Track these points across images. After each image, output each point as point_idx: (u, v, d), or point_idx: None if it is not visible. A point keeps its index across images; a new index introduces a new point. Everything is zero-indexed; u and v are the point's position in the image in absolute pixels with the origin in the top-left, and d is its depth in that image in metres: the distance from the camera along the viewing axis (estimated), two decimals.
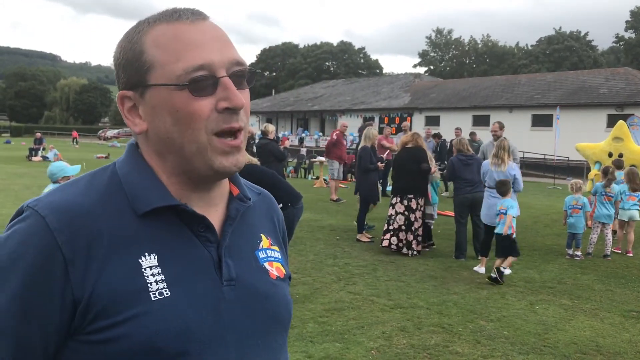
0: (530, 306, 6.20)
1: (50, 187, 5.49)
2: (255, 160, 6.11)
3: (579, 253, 8.71)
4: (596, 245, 9.03)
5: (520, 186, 7.84)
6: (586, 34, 71.82)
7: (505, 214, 7.15)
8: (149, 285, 0.91)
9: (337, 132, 15.20)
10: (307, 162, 23.90)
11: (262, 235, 1.13)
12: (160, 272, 0.93)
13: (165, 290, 0.92)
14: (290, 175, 22.22)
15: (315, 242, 9.15)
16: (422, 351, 4.82)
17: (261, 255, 1.09)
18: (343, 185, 19.05)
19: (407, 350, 4.80)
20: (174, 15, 0.96)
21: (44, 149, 29.84)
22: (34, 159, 27.60)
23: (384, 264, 7.87)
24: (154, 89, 0.94)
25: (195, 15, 0.97)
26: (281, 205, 5.62)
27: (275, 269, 1.10)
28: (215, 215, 1.03)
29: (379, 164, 9.90)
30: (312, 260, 7.89)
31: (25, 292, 0.87)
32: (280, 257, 1.14)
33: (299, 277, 6.94)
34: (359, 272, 7.39)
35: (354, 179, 19.89)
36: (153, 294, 0.91)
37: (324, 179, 19.56)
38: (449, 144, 17.01)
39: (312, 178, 21.91)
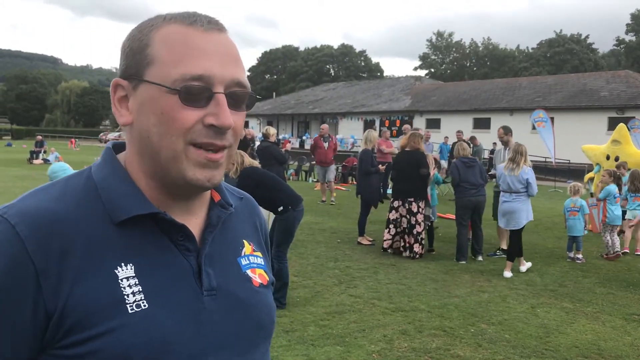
0: (531, 309, 6.18)
1: None
2: (257, 163, 6.09)
3: (579, 256, 8.71)
4: (593, 248, 9.02)
5: (534, 191, 7.85)
6: (587, 36, 71.84)
7: None
8: (125, 297, 0.87)
9: (317, 135, 15.18)
10: (308, 164, 23.88)
11: (244, 241, 1.10)
12: (137, 282, 0.89)
13: (143, 302, 0.88)
14: (291, 178, 22.21)
15: (316, 245, 9.15)
16: (423, 354, 4.81)
17: (243, 262, 1.06)
18: (343, 189, 19.05)
19: (409, 354, 4.79)
20: (190, 19, 0.93)
21: (45, 152, 29.85)
22: (35, 161, 27.58)
23: (385, 267, 7.86)
24: (146, 85, 0.91)
25: (211, 25, 0.94)
26: (282, 208, 5.66)
27: (258, 276, 1.07)
28: (195, 223, 1.00)
29: (379, 166, 9.92)
30: (313, 264, 7.88)
31: None
32: (262, 263, 1.11)
33: (300, 280, 6.93)
34: (360, 275, 7.38)
35: (354, 182, 19.92)
36: (130, 306, 0.87)
37: None
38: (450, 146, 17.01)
39: (313, 181, 21.90)
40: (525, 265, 7.90)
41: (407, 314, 5.85)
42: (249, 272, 1.06)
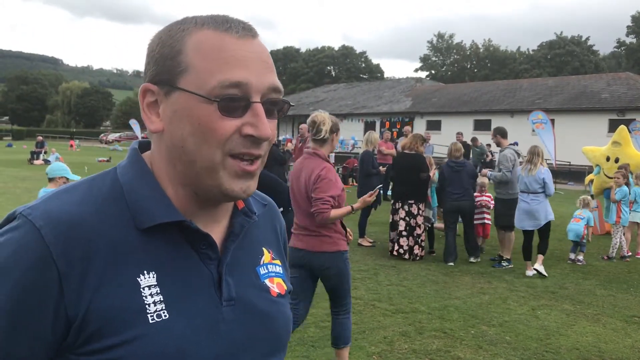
0: (532, 311, 6.18)
1: (44, 190, 5.47)
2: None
3: (580, 257, 8.75)
4: (594, 250, 9.02)
5: (551, 190, 7.90)
6: (587, 38, 71.94)
7: None
8: (146, 306, 0.87)
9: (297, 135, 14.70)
10: None
11: (264, 249, 1.09)
12: (158, 292, 0.88)
13: (164, 312, 0.88)
14: None
15: None
16: (423, 356, 4.80)
17: (262, 271, 1.05)
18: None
19: (409, 355, 4.79)
20: (224, 25, 0.90)
21: (45, 153, 29.86)
22: (35, 162, 27.57)
23: (385, 269, 7.86)
24: (180, 93, 0.89)
25: (246, 31, 0.91)
26: (281, 209, 5.66)
27: (276, 285, 1.06)
28: (217, 231, 0.99)
29: (380, 167, 9.92)
30: None
31: (15, 307, 0.82)
32: (281, 271, 1.10)
33: None
34: (361, 276, 7.37)
35: (355, 183, 19.92)
36: (151, 316, 0.86)
37: None
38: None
39: None
40: (531, 270, 7.89)
41: (408, 315, 5.84)
42: (267, 281, 1.05)
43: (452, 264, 8.28)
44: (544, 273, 7.73)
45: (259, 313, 0.99)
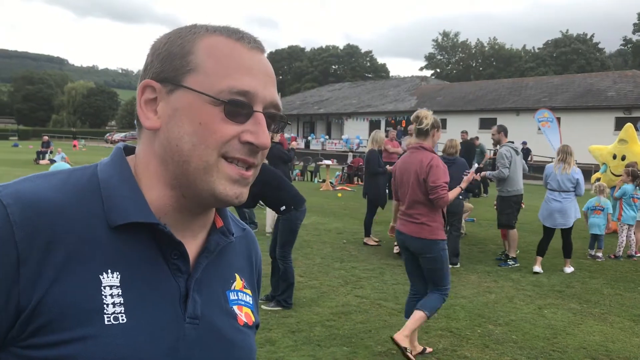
0: (538, 310, 6.16)
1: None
2: (265, 160, 6.13)
3: (600, 254, 8.85)
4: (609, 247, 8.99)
5: (582, 191, 7.99)
6: (592, 36, 71.67)
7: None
8: (105, 306, 0.82)
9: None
10: (314, 165, 23.89)
11: (237, 275, 1.04)
12: (120, 294, 0.84)
13: (122, 316, 0.83)
14: (296, 178, 22.22)
15: (322, 246, 9.14)
16: (430, 355, 4.79)
17: (232, 296, 1.01)
18: (349, 189, 19.04)
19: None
20: (236, 34, 0.92)
21: (51, 152, 29.96)
22: (41, 162, 27.69)
23: (391, 268, 7.84)
24: (185, 91, 0.89)
25: (256, 44, 0.94)
26: (284, 207, 5.65)
27: (244, 315, 1.01)
28: (192, 245, 0.95)
29: (387, 166, 9.89)
30: (319, 264, 7.87)
31: None
32: (251, 302, 1.05)
33: (306, 281, 6.92)
34: (366, 275, 7.36)
35: (360, 182, 19.91)
36: (107, 317, 0.82)
37: (330, 182, 19.56)
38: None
39: (318, 181, 21.91)
40: (539, 266, 7.96)
41: None
42: (235, 308, 1.01)
43: (457, 265, 8.21)
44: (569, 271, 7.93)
45: (222, 339, 0.95)
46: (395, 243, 8.73)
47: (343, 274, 7.40)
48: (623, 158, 11.57)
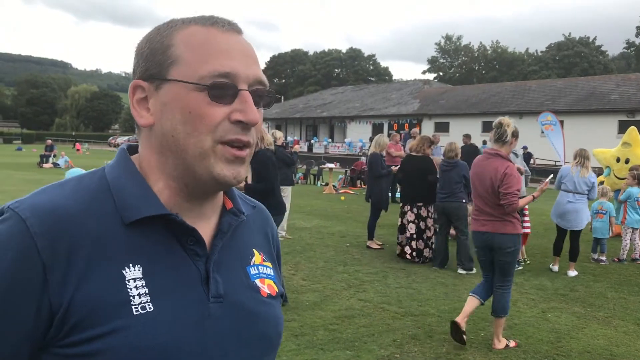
0: (542, 314, 6.14)
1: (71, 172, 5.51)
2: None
3: (603, 258, 8.83)
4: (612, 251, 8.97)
5: (595, 194, 8.21)
6: (595, 39, 71.60)
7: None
8: (131, 298, 0.87)
9: None
10: (317, 168, 23.88)
11: (254, 250, 1.09)
12: (144, 284, 0.89)
13: (148, 305, 0.88)
14: (299, 181, 22.21)
15: (325, 249, 9.13)
16: (433, 359, 4.78)
17: (252, 271, 1.05)
18: (352, 192, 19.03)
19: (419, 359, 4.77)
20: (209, 20, 0.96)
21: (54, 156, 30.03)
22: (45, 165, 27.77)
23: (394, 271, 7.83)
24: (171, 84, 0.92)
25: (231, 26, 0.97)
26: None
27: (267, 286, 1.06)
28: (206, 228, 1.00)
29: (392, 167, 9.89)
30: (322, 267, 7.86)
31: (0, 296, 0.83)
32: (272, 273, 1.10)
33: (309, 284, 6.91)
34: (369, 279, 7.35)
35: (364, 185, 19.90)
36: (135, 308, 0.87)
37: (333, 185, 19.55)
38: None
39: (321, 184, 21.90)
40: (557, 265, 8.14)
41: (417, 318, 5.82)
42: (257, 281, 1.05)
43: (436, 267, 8.15)
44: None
45: (248, 312, 0.99)
46: (399, 243, 8.73)
47: (346, 277, 7.39)
48: (627, 161, 11.55)
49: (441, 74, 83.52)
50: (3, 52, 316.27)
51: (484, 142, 19.18)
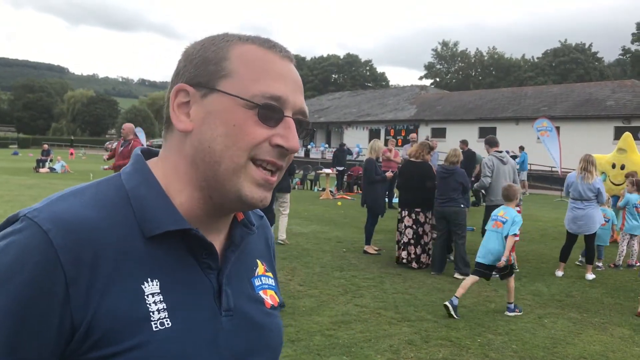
0: (538, 320, 6.15)
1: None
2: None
3: (600, 264, 8.87)
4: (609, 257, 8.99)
5: (604, 199, 8.29)
6: (590, 45, 71.92)
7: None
8: (151, 314, 0.87)
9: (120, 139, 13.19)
10: (313, 173, 23.88)
11: (258, 260, 1.10)
12: (162, 299, 0.88)
13: (167, 320, 0.88)
14: (296, 187, 22.21)
15: (321, 254, 9.13)
16: None
17: (257, 282, 1.07)
18: (349, 197, 19.04)
19: None
20: (267, 43, 0.97)
21: (51, 161, 29.97)
22: (41, 170, 27.72)
23: (391, 277, 7.84)
24: (219, 95, 0.92)
25: (287, 53, 0.98)
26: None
27: (269, 297, 1.07)
28: (217, 240, 1.00)
29: (388, 173, 9.89)
30: (319, 273, 7.86)
31: (20, 311, 0.80)
32: (273, 284, 1.12)
33: (306, 290, 6.91)
34: (366, 284, 7.35)
35: (359, 191, 19.90)
36: (154, 324, 0.86)
37: (330, 191, 19.55)
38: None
39: (318, 190, 21.90)
40: (562, 271, 8.23)
41: (414, 324, 5.82)
42: (261, 293, 1.06)
43: (434, 273, 8.16)
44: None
45: (254, 324, 1.01)
46: (397, 249, 8.72)
47: (343, 282, 7.39)
48: (622, 167, 11.59)
49: (438, 79, 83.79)
50: (0, 56, 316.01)
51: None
